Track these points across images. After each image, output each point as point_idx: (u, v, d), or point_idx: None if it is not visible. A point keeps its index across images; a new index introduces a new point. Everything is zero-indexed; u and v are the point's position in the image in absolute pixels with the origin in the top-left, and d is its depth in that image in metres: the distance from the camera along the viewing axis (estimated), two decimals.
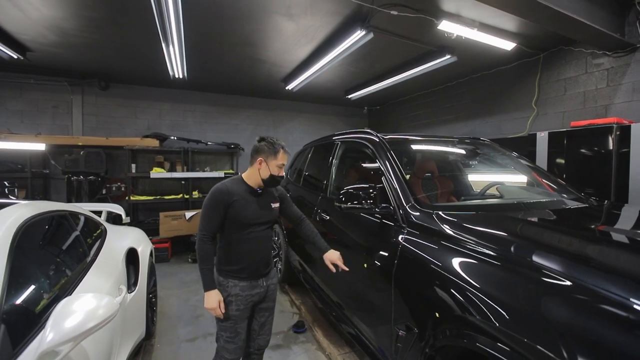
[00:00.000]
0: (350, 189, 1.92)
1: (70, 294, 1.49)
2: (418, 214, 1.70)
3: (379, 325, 1.78)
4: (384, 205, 1.89)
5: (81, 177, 5.30)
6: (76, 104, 5.75)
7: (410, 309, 1.52)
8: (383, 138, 2.36)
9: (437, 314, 1.33)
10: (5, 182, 4.97)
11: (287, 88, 5.87)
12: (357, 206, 1.88)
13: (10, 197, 4.96)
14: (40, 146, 5.06)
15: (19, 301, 1.23)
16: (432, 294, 1.38)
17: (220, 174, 6.14)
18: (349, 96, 6.58)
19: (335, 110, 8.06)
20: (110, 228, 2.66)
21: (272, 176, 1.79)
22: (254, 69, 5.18)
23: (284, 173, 1.87)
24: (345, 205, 1.91)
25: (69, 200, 5.31)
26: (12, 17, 3.49)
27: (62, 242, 1.80)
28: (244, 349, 1.87)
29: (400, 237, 1.69)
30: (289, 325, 3.12)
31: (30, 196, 5.14)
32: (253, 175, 1.82)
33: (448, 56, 4.18)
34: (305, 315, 3.28)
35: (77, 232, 1.95)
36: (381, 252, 1.80)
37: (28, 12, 3.36)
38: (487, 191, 2.64)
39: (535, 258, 1.22)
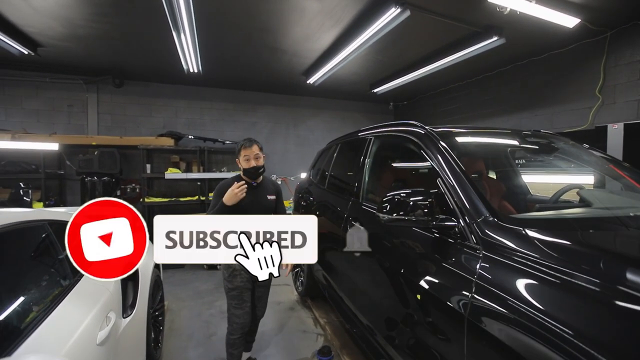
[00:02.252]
0: (397, 195, 1.45)
1: (29, 336, 1.12)
2: (501, 233, 1.20)
3: None
4: (444, 217, 1.41)
5: (95, 177, 5.09)
6: (91, 103, 5.57)
7: None
8: (432, 130, 1.88)
9: None
10: (21, 184, 4.83)
11: (308, 82, 5.45)
12: (406, 218, 1.41)
13: (25, 198, 4.82)
14: (53, 146, 4.88)
15: None
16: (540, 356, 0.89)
17: (238, 174, 5.79)
18: (375, 90, 6.08)
19: (358, 107, 7.56)
20: None
21: (244, 169, 2.23)
22: (273, 60, 4.79)
23: (257, 163, 2.19)
24: (390, 217, 1.45)
25: (82, 202, 5.11)
26: (15, 8, 3.26)
27: (30, 262, 1.44)
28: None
29: (475, 265, 1.20)
30: (313, 351, 2.68)
31: (45, 198, 4.98)
32: (241, 172, 2.31)
33: (495, 38, 3.60)
34: (332, 338, 2.83)
35: (57, 248, 1.59)
36: (444, 283, 1.32)
37: (31, 1, 3.11)
38: (562, 196, 2.12)
39: None
